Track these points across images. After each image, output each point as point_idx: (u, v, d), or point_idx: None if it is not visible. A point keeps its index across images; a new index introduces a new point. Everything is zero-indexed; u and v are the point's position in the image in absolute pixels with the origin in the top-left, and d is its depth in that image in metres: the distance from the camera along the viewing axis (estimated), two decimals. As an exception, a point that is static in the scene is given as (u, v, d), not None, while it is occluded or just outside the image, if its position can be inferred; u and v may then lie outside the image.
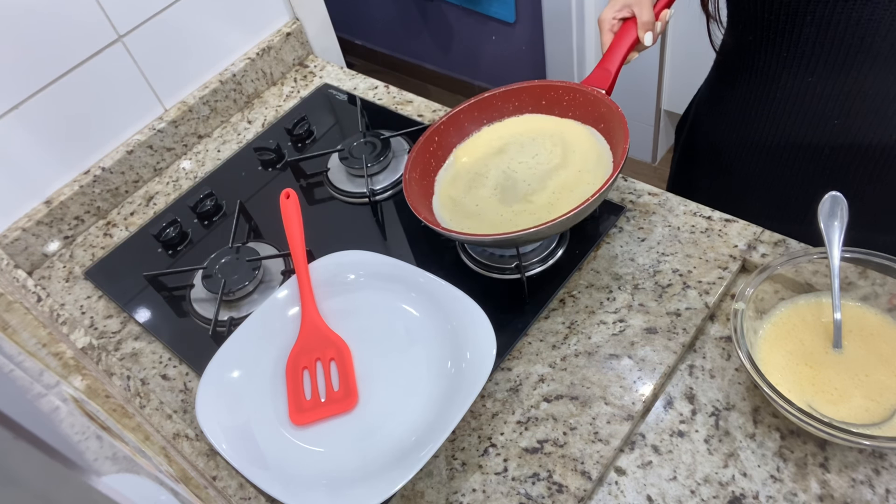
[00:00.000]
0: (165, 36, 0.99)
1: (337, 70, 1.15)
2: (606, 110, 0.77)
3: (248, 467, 0.64)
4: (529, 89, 0.82)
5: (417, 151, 0.79)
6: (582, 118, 0.81)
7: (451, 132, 0.83)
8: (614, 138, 0.77)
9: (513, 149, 0.81)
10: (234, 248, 0.86)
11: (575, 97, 0.81)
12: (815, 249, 0.67)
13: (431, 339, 0.71)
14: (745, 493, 0.61)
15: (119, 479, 0.40)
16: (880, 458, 0.62)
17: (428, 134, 0.81)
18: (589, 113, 0.80)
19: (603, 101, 0.78)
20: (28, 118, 0.89)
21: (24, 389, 0.44)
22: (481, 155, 0.82)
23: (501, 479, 0.65)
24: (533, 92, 0.82)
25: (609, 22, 0.79)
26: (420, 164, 0.79)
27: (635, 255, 0.79)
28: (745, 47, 0.78)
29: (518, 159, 0.80)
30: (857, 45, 0.69)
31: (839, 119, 0.76)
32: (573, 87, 0.80)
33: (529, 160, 0.80)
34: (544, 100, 0.83)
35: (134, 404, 0.70)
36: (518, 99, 0.83)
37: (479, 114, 0.84)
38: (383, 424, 0.67)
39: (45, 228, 0.94)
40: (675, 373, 0.70)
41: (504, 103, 0.83)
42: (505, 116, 0.84)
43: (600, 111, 0.78)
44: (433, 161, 0.81)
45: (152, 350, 0.82)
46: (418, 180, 0.78)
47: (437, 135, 0.82)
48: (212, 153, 1.06)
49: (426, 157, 0.81)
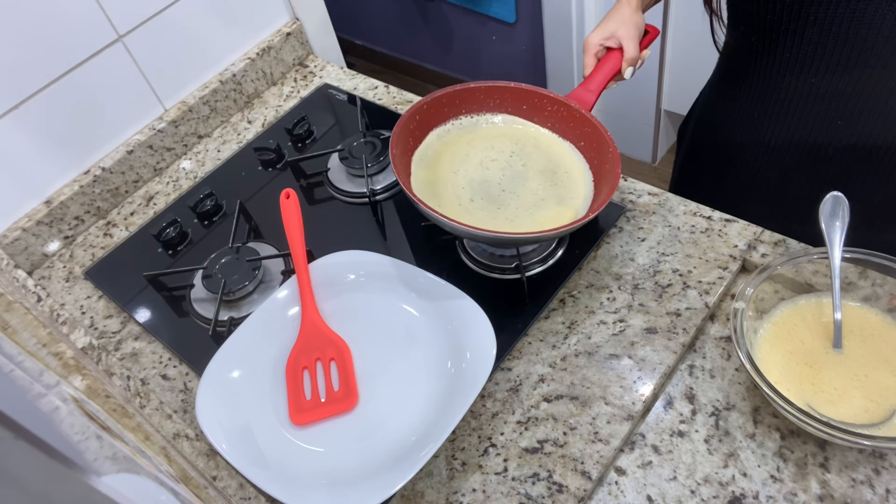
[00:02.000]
0: (165, 36, 0.99)
1: (337, 70, 1.15)
2: (592, 131, 0.78)
3: (248, 467, 0.64)
4: (514, 91, 0.82)
5: (400, 127, 0.78)
6: (561, 132, 0.82)
7: (432, 113, 0.82)
8: (595, 159, 0.78)
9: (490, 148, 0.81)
10: (234, 248, 0.86)
11: (558, 109, 0.81)
12: (815, 249, 0.67)
13: (431, 339, 0.71)
14: (745, 493, 0.61)
15: (119, 479, 0.40)
16: (880, 458, 0.62)
17: (411, 112, 0.80)
18: (570, 129, 0.81)
19: (588, 121, 0.78)
20: (28, 118, 0.89)
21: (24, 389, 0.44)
22: (455, 144, 0.82)
23: (501, 479, 0.65)
24: (517, 94, 0.82)
25: (595, 46, 0.80)
26: (401, 140, 0.79)
27: (635, 255, 0.79)
28: (748, 48, 0.78)
29: (491, 158, 0.80)
30: (860, 46, 0.69)
31: (842, 119, 0.76)
32: (559, 100, 0.80)
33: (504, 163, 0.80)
34: (526, 105, 0.83)
35: (134, 404, 0.70)
36: (500, 97, 0.83)
37: (460, 102, 0.83)
38: (383, 424, 0.67)
39: (45, 228, 0.94)
40: (675, 373, 0.70)
41: (486, 97, 0.83)
42: (484, 111, 0.84)
43: (584, 130, 0.79)
44: (411, 140, 0.81)
45: (152, 350, 0.82)
46: (399, 156, 0.78)
47: (418, 114, 0.81)
48: (212, 153, 1.06)
49: (406, 135, 0.80)
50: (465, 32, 2.25)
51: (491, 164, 0.80)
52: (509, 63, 2.22)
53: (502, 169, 0.80)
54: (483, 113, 0.84)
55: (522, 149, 0.81)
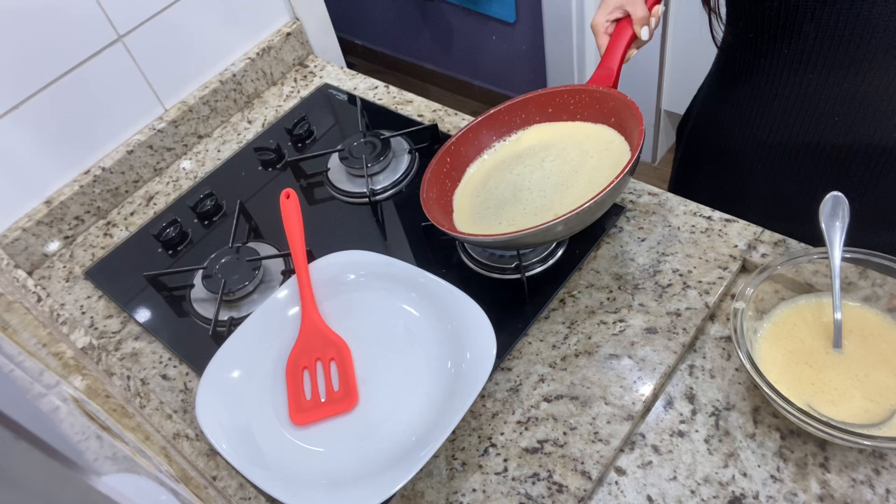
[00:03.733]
0: (165, 36, 0.99)
1: (337, 70, 1.15)
2: (615, 103, 0.77)
3: (248, 467, 0.64)
4: (534, 99, 0.82)
5: (432, 172, 0.79)
6: (591, 118, 0.80)
7: (462, 151, 0.83)
8: (628, 129, 0.76)
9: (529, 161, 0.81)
10: (234, 248, 0.86)
11: (581, 98, 0.80)
12: (815, 249, 0.67)
13: (431, 339, 0.71)
14: (745, 493, 0.61)
15: (119, 479, 0.40)
16: (880, 458, 0.62)
17: (440, 155, 0.81)
18: (598, 111, 0.79)
19: (610, 95, 0.77)
20: (28, 118, 0.89)
21: (24, 389, 0.44)
22: (494, 171, 0.82)
23: (501, 479, 0.65)
24: (538, 101, 0.82)
25: (602, 25, 0.79)
26: (436, 184, 0.79)
27: (635, 255, 0.79)
28: (746, 45, 0.78)
29: (532, 171, 0.80)
30: (858, 43, 0.69)
31: (840, 117, 0.76)
32: (577, 89, 0.80)
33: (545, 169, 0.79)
34: (550, 107, 0.82)
35: (134, 404, 0.70)
36: (524, 111, 0.83)
37: (487, 131, 0.83)
38: (383, 424, 0.67)
39: (45, 228, 0.94)
40: (675, 373, 0.70)
41: (511, 117, 0.83)
42: (514, 130, 0.84)
43: (609, 105, 0.78)
44: (448, 181, 0.81)
45: (152, 350, 0.82)
46: (436, 199, 0.78)
47: (448, 156, 0.81)
48: (212, 153, 1.06)
49: (441, 177, 0.80)
50: (465, 32, 2.25)
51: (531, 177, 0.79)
52: (509, 63, 2.22)
53: (545, 177, 0.79)
54: (512, 133, 0.84)
55: (560, 153, 0.80)
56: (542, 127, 0.83)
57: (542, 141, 0.82)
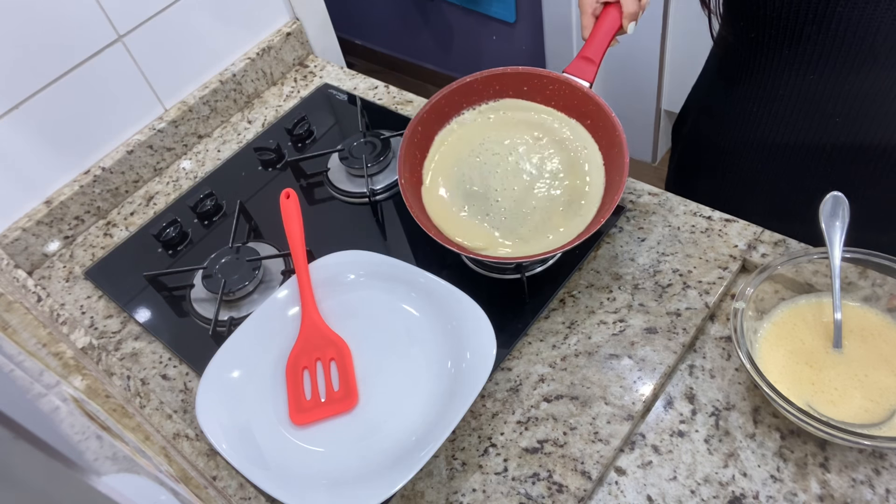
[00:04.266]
0: (165, 36, 0.99)
1: (337, 70, 1.15)
2: (595, 108, 0.77)
3: (248, 467, 0.64)
4: (512, 75, 0.81)
5: (405, 147, 0.78)
6: (566, 110, 0.80)
7: (433, 119, 0.82)
8: (603, 137, 0.77)
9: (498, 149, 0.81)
10: (234, 248, 0.86)
11: (560, 88, 0.80)
12: (815, 249, 0.67)
13: (431, 339, 0.71)
14: (745, 493, 0.61)
15: (119, 479, 0.40)
16: (880, 458, 0.62)
17: (412, 125, 0.79)
18: (574, 106, 0.79)
19: (592, 100, 0.77)
20: (28, 118, 0.89)
21: (24, 389, 0.44)
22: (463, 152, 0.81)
23: (501, 479, 0.65)
24: (516, 77, 0.81)
25: (592, 5, 0.77)
26: (409, 160, 0.78)
27: (635, 255, 0.79)
28: (747, 45, 0.78)
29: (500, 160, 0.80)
30: (858, 44, 0.69)
31: (840, 118, 0.76)
32: (558, 79, 0.79)
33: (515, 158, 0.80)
34: (526, 86, 0.82)
35: (134, 404, 0.70)
36: (500, 83, 0.82)
37: (459, 98, 0.82)
38: (383, 424, 0.67)
39: (45, 228, 0.94)
40: (675, 373, 0.70)
41: (485, 87, 0.82)
42: (485, 100, 0.83)
43: (588, 108, 0.78)
44: (418, 152, 0.81)
45: (152, 350, 0.82)
46: (409, 179, 0.78)
47: (420, 124, 0.80)
48: (212, 153, 1.06)
49: (412, 149, 0.79)
50: (465, 32, 2.25)
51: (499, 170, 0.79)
52: (509, 63, 2.22)
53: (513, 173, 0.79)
54: (484, 102, 0.83)
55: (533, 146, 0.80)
56: (515, 102, 0.83)
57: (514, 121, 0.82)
